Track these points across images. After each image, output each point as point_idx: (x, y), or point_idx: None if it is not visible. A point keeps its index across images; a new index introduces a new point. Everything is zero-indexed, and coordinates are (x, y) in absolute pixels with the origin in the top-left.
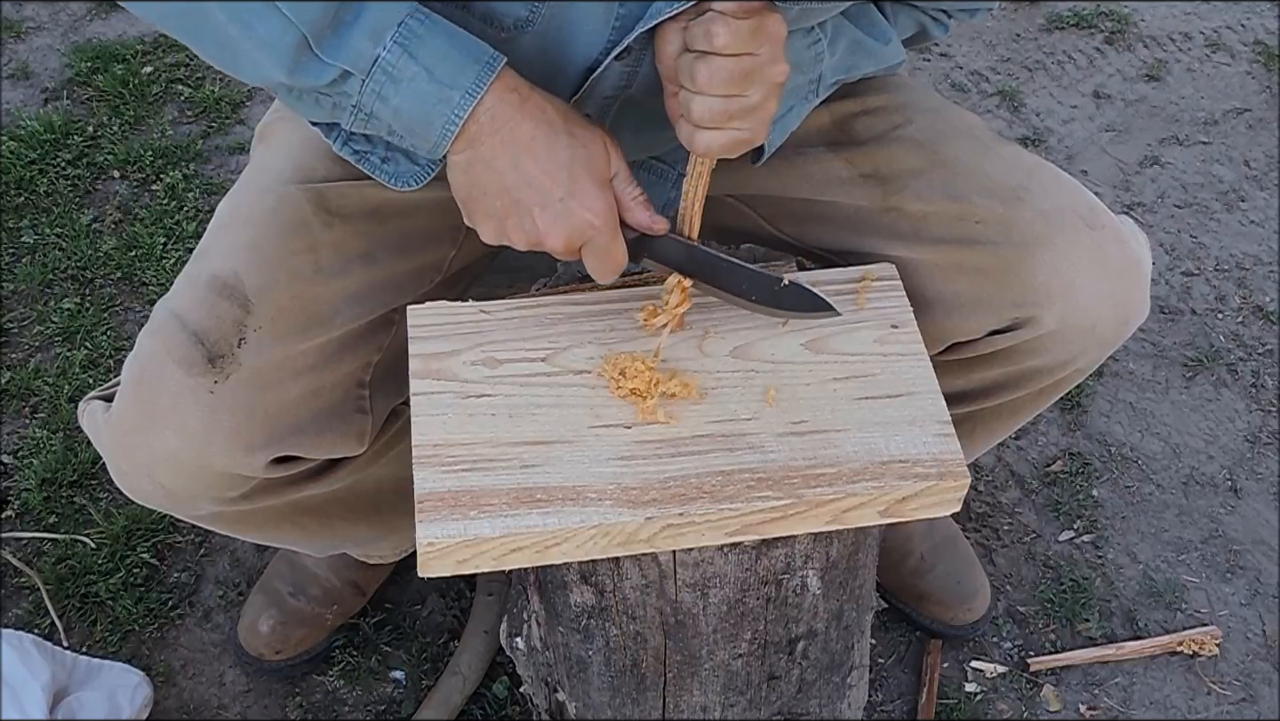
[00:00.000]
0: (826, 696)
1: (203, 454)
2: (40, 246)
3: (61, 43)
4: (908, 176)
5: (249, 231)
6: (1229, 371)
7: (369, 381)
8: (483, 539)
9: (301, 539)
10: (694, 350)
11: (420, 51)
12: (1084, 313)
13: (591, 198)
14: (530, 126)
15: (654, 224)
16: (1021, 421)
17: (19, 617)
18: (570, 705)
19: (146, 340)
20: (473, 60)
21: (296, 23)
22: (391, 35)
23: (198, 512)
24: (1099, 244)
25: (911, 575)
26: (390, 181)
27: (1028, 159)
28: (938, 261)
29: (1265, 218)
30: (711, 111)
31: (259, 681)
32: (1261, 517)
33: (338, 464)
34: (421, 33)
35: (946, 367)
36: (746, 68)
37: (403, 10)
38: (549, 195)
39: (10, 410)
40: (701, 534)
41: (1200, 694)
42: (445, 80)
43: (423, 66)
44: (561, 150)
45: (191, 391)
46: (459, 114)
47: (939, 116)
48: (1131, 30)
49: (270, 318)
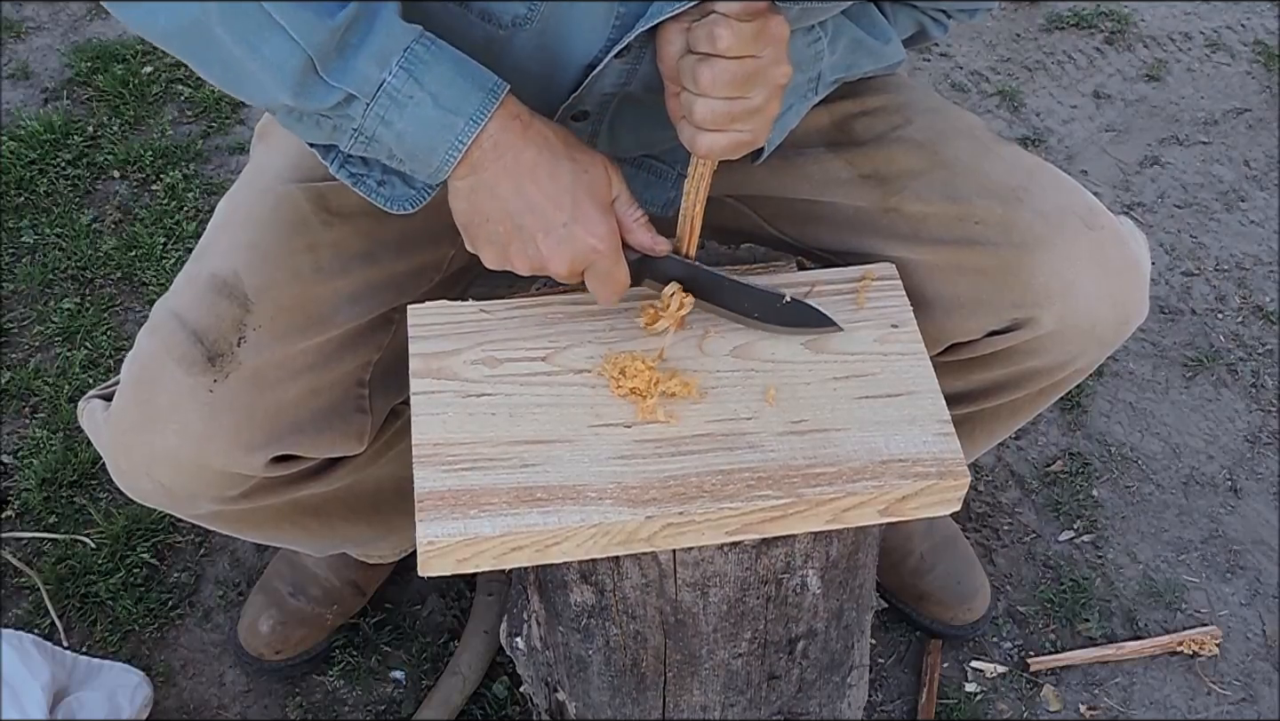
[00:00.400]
0: (826, 696)
1: (202, 453)
2: (40, 246)
3: (61, 43)
4: (907, 177)
5: (249, 231)
6: (1229, 371)
7: (369, 381)
8: (483, 538)
9: (302, 538)
10: (694, 349)
11: (426, 77)
12: (1083, 313)
13: (594, 222)
14: (533, 152)
15: (656, 245)
16: (1021, 421)
17: (19, 617)
18: (570, 705)
19: (146, 339)
20: (477, 87)
21: (303, 45)
22: (398, 60)
23: (197, 511)
24: (1098, 245)
25: (911, 575)
26: (386, 205)
27: (1027, 160)
28: (937, 262)
29: (1265, 218)
30: (714, 113)
31: (259, 681)
32: (1261, 517)
33: (337, 463)
34: (427, 58)
35: (946, 368)
36: (749, 70)
37: (409, 35)
38: (552, 220)
39: (10, 410)
40: (701, 533)
41: (1200, 694)
42: (450, 106)
43: (428, 92)
44: (564, 175)
45: (191, 390)
46: (463, 140)
47: (939, 117)
48: (1131, 30)
49: (270, 316)
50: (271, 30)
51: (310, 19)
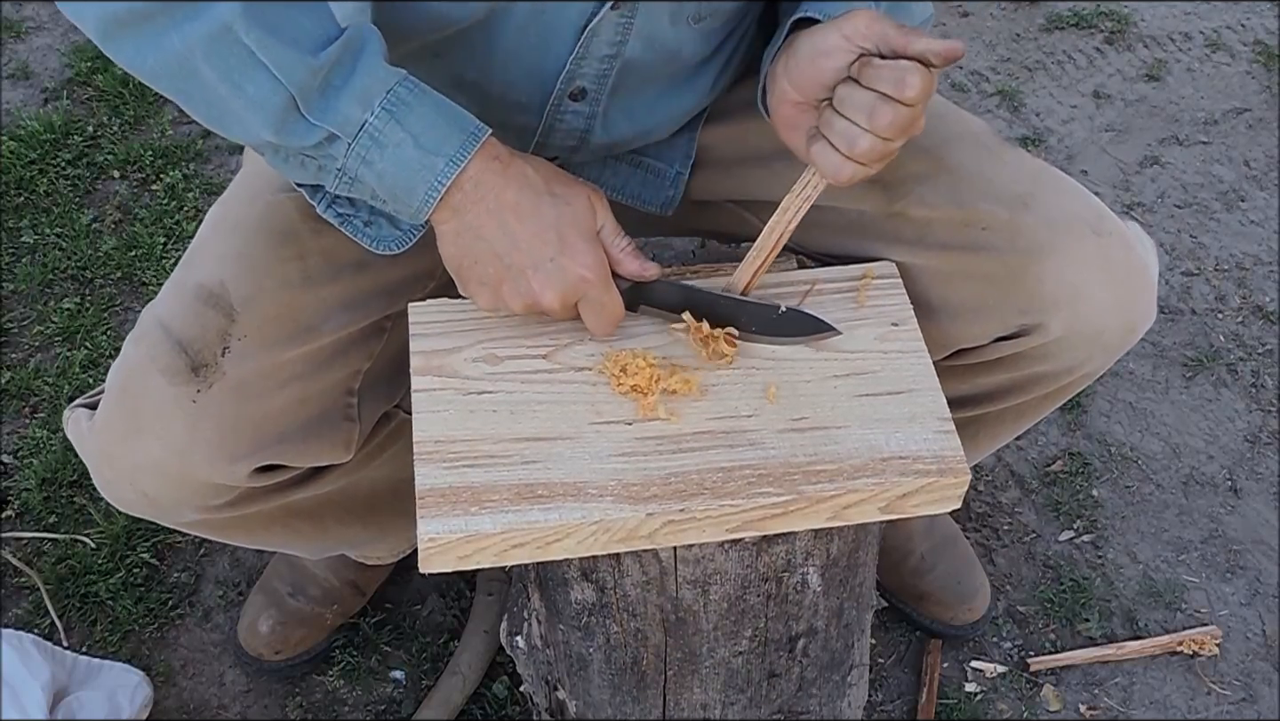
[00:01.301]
0: (827, 695)
1: (185, 463)
2: (40, 246)
3: (61, 43)
4: (912, 182)
5: (237, 240)
6: (1229, 371)
7: (358, 389)
8: (484, 535)
9: (296, 542)
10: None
11: (407, 118)
12: (1091, 320)
13: (581, 253)
14: (514, 192)
15: (645, 271)
16: (1025, 425)
17: (19, 617)
18: (571, 703)
19: (131, 348)
20: (458, 129)
21: (286, 84)
22: (380, 101)
23: (182, 520)
24: (1105, 250)
25: (912, 575)
26: (373, 246)
27: (1033, 165)
28: (942, 268)
29: (1265, 218)
30: (875, 152)
31: (259, 681)
32: (1261, 517)
33: (323, 470)
34: (410, 100)
35: (951, 372)
36: (916, 117)
37: (393, 78)
38: (539, 256)
39: (10, 410)
40: (702, 530)
41: (1200, 694)
42: (430, 147)
43: (409, 133)
44: (546, 211)
45: (174, 400)
46: (442, 181)
47: (943, 122)
48: (1131, 30)
49: (256, 326)
50: (255, 68)
51: (293, 57)
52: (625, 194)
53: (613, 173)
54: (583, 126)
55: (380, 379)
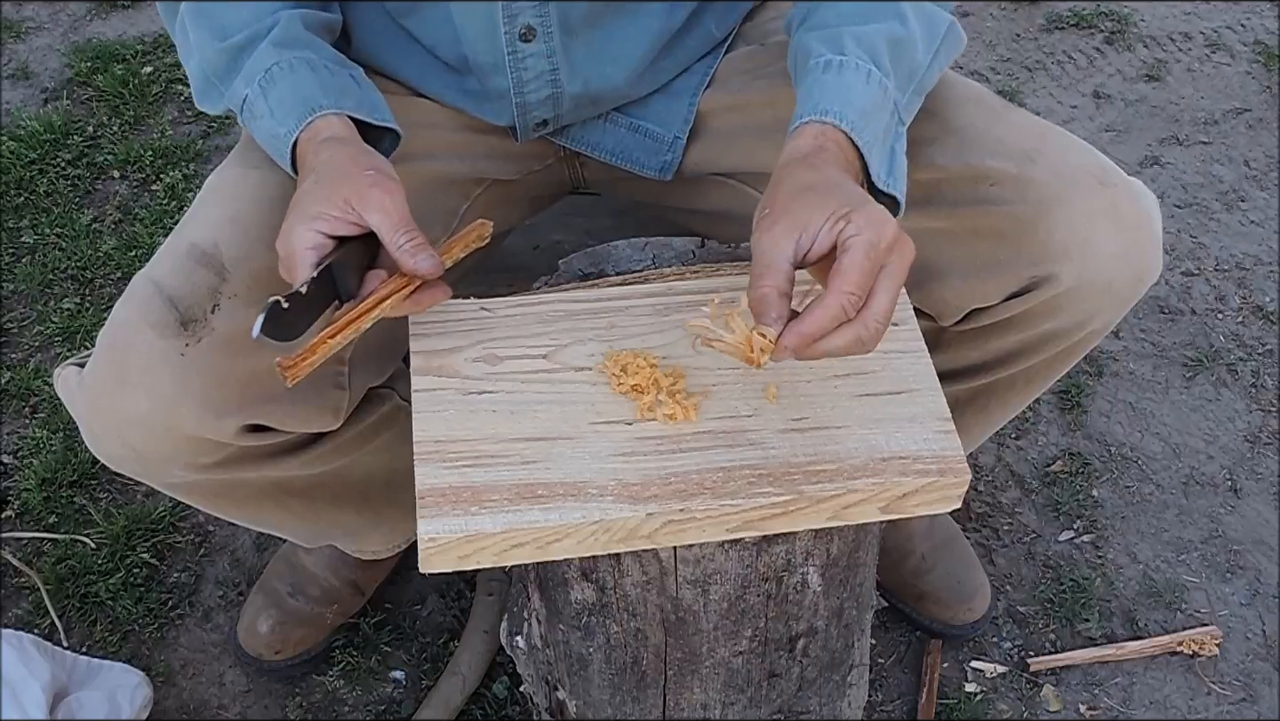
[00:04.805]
0: (827, 695)
1: (172, 416)
2: (40, 246)
3: (61, 43)
4: (920, 144)
5: (232, 205)
6: (1229, 371)
7: (349, 358)
8: (484, 534)
9: (288, 522)
10: (694, 347)
11: (271, 95)
12: (1100, 269)
13: (285, 231)
14: (306, 169)
15: (418, 267)
16: (1036, 392)
17: (19, 617)
18: (571, 703)
19: (122, 307)
20: (303, 107)
21: (200, 61)
22: (258, 79)
23: (170, 480)
24: (1113, 201)
25: (912, 575)
26: None
27: (1037, 123)
28: (952, 228)
29: (1265, 218)
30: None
31: (259, 681)
32: (1261, 517)
33: (315, 440)
34: (277, 78)
35: (963, 338)
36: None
37: (272, 60)
38: (285, 223)
39: (10, 410)
40: (702, 529)
41: (1200, 694)
42: (279, 121)
43: (269, 106)
44: (302, 190)
45: (162, 353)
46: (283, 151)
47: (946, 86)
48: (1131, 30)
49: (246, 286)
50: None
51: (205, 39)
52: (623, 158)
53: (612, 138)
54: (548, 71)
55: (373, 350)
